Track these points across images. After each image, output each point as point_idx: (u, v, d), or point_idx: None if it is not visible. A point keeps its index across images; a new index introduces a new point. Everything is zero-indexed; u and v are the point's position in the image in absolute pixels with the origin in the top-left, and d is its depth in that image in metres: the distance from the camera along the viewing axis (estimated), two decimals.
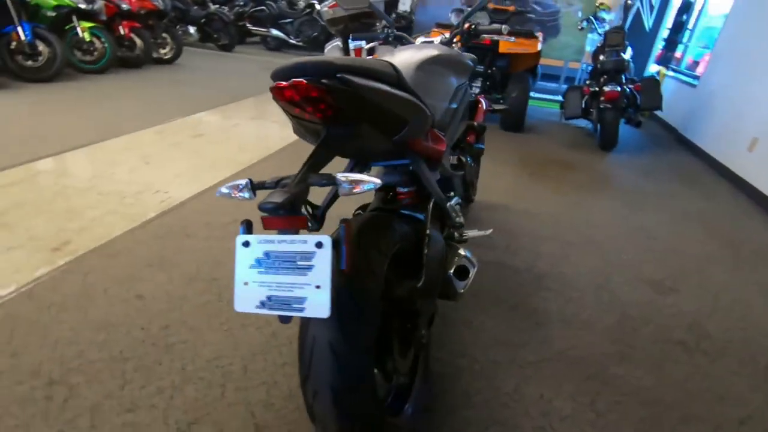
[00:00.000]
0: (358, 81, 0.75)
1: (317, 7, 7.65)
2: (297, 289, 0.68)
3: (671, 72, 5.72)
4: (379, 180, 0.71)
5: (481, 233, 1.41)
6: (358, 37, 2.00)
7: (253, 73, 6.43)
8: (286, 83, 0.71)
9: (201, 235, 1.96)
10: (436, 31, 3.89)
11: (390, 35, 1.81)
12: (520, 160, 3.58)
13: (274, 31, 8.44)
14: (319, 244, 0.67)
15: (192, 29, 8.07)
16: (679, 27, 6.01)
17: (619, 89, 3.85)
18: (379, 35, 1.80)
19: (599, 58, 4.25)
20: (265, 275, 0.69)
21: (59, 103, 3.75)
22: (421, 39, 1.73)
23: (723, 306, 1.87)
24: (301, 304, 0.67)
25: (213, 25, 7.98)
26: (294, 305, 0.68)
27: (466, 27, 1.65)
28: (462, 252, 1.20)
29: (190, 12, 7.90)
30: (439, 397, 1.27)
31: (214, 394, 1.21)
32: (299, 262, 0.68)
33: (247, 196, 0.76)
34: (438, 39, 1.69)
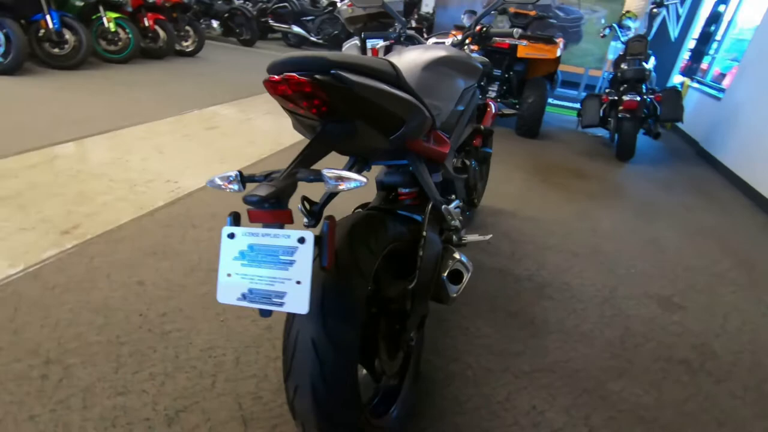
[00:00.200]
0: (352, 78, 0.75)
1: (339, 5, 7.67)
2: (278, 283, 0.68)
3: (696, 84, 5.57)
4: (365, 179, 0.71)
5: (480, 238, 1.39)
6: (371, 36, 2.00)
7: None
8: (278, 77, 0.72)
9: (206, 226, 1.99)
10: (454, 33, 3.86)
11: (402, 35, 1.80)
12: (532, 167, 3.53)
13: (296, 28, 8.51)
14: (301, 240, 0.67)
15: (215, 23, 8.19)
16: (706, 38, 5.85)
17: (638, 99, 3.75)
18: (391, 35, 1.80)
19: (620, 66, 4.17)
20: (248, 268, 0.69)
21: (81, 91, 3.85)
22: (432, 40, 1.72)
23: (732, 327, 1.81)
24: (281, 299, 0.67)
25: (236, 20, 8.10)
26: (274, 299, 0.68)
27: (478, 29, 1.64)
28: (457, 256, 1.18)
29: (214, 6, 8.03)
30: (429, 401, 1.26)
31: (204, 383, 1.22)
32: (281, 257, 0.68)
33: (236, 188, 0.76)
34: (450, 40, 1.68)
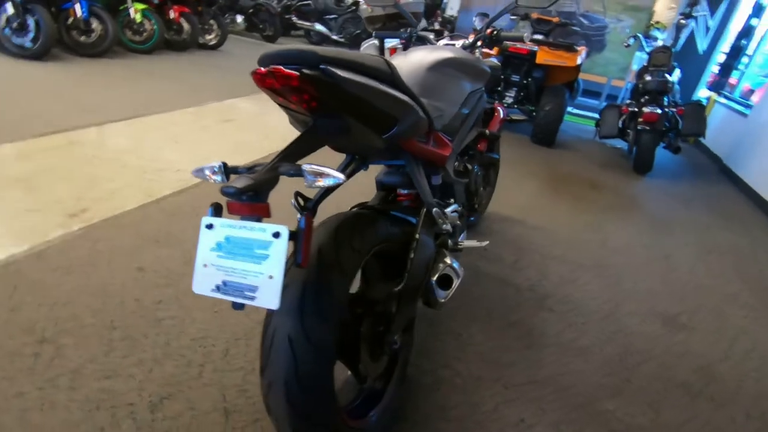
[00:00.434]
0: (341, 74, 0.74)
1: (360, 4, 7.70)
2: (251, 277, 0.67)
3: (723, 99, 5.40)
4: (343, 176, 0.70)
5: (477, 244, 1.36)
6: (384, 36, 2.00)
7: None
8: (264, 69, 0.71)
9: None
10: (473, 35, 3.83)
11: (413, 35, 1.79)
12: (545, 175, 3.47)
13: (318, 26, 8.56)
14: (276, 234, 0.66)
15: (239, 18, 8.31)
16: (736, 52, 5.66)
17: (659, 111, 3.66)
18: (402, 35, 1.78)
19: (643, 77, 4.07)
20: (224, 260, 0.69)
21: (104, 78, 3.94)
22: (444, 41, 1.70)
23: (739, 351, 1.74)
24: (253, 293, 0.67)
25: (260, 16, 8.19)
26: (246, 293, 0.67)
27: (488, 32, 1.61)
28: (448, 260, 1.16)
29: (239, 1, 8.13)
30: (414, 405, 1.24)
31: (191, 372, 1.23)
32: (256, 250, 0.67)
33: (220, 179, 0.76)
34: (460, 43, 1.66)
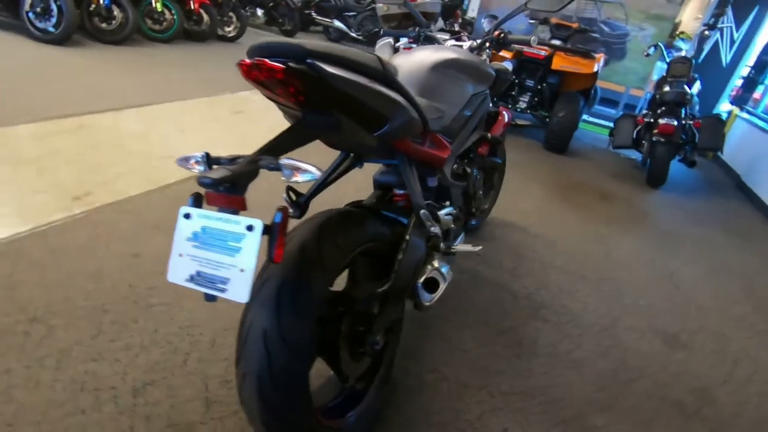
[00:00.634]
0: (327, 68, 0.73)
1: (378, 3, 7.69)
2: (223, 269, 0.67)
3: (745, 113, 5.25)
4: (318, 171, 0.69)
5: (470, 249, 1.34)
6: (393, 34, 1.98)
7: None
8: (249, 61, 0.71)
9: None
10: None
11: (421, 35, 1.77)
12: (554, 183, 3.42)
13: (337, 23, 8.58)
14: (249, 227, 0.66)
15: (260, 12, 8.36)
16: (762, 66, 5.50)
17: (675, 123, 3.57)
18: (410, 33, 1.77)
19: (661, 88, 3.97)
20: (199, 250, 0.69)
21: (122, 65, 4.00)
22: (450, 42, 1.68)
23: (740, 375, 1.69)
24: (224, 285, 0.67)
25: (279, 10, 8.23)
26: (218, 285, 0.67)
27: (496, 34, 1.59)
28: (436, 264, 1.14)
29: None
30: (396, 408, 1.23)
31: (176, 360, 1.24)
32: (230, 243, 0.67)
33: (202, 169, 0.76)
34: (467, 44, 1.64)
